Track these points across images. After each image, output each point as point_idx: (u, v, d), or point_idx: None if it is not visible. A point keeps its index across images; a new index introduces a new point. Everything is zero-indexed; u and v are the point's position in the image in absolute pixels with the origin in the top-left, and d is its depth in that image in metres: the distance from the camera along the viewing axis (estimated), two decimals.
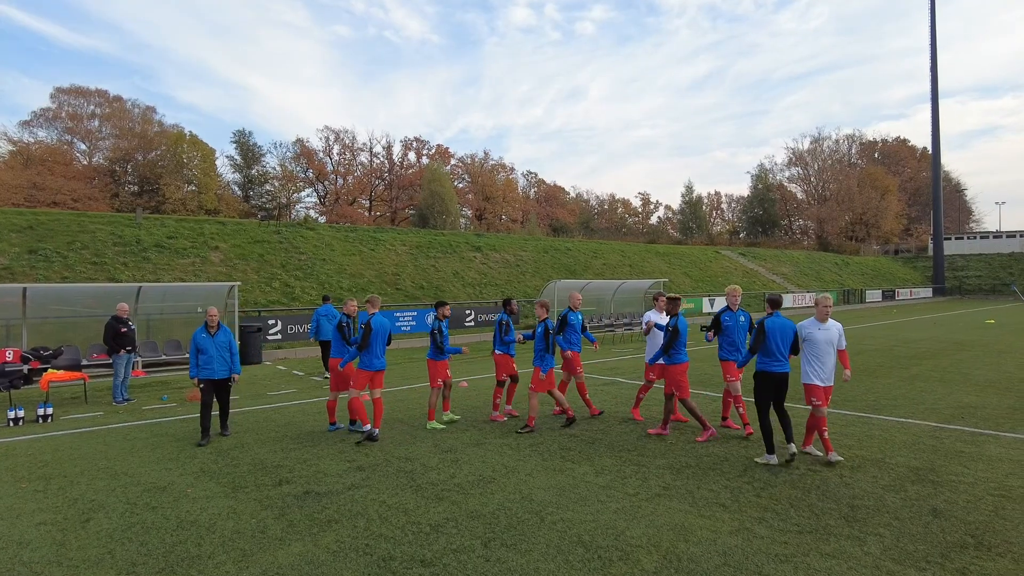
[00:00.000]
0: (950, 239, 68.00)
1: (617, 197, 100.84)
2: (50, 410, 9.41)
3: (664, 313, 8.70)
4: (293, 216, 69.60)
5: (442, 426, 8.64)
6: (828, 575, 4.18)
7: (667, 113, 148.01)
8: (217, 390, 8.19)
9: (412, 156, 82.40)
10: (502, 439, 7.99)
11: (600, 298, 24.95)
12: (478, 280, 28.46)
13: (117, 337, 11.14)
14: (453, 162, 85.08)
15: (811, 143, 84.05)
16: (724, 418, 8.53)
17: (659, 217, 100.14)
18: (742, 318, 8.11)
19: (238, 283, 14.67)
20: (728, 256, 47.47)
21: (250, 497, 5.93)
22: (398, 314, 18.61)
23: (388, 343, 8.18)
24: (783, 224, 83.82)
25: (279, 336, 16.81)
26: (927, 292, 54.26)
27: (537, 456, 7.17)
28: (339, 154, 77.51)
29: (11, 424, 9.05)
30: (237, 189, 71.45)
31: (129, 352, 11.12)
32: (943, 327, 24.59)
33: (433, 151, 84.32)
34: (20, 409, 9.23)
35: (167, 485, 6.30)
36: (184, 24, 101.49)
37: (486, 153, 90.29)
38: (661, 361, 8.13)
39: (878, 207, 73.70)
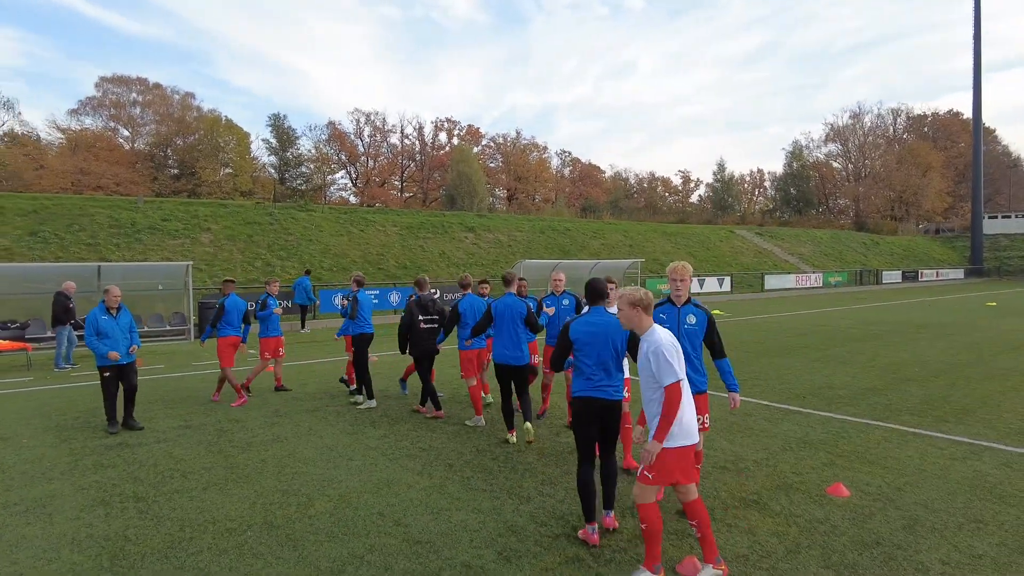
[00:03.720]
0: (996, 218, 64.39)
1: (657, 175, 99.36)
2: None
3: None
4: (327, 198, 71.87)
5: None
6: (458, 527, 4.72)
7: (719, 88, 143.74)
8: (123, 374, 7.64)
9: (444, 136, 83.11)
10: (342, 407, 8.75)
11: (574, 278, 25.26)
12: (464, 260, 29.20)
13: (67, 311, 12.57)
14: (485, 142, 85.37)
15: (850, 118, 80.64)
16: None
17: (700, 195, 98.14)
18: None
19: (191, 262, 15.88)
20: (742, 236, 46.64)
21: (69, 446, 6.90)
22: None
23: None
24: (819, 203, 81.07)
25: None
26: (958, 273, 51.83)
27: (346, 423, 7.89)
28: (370, 136, 78.91)
29: None
30: (273, 171, 73.73)
31: (72, 325, 12.51)
32: (930, 310, 23.92)
33: (464, 131, 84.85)
34: None
35: (11, 436, 7.35)
36: (234, 10, 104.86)
37: (518, 132, 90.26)
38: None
39: (919, 185, 70.39)
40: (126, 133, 63.09)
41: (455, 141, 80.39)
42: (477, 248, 30.82)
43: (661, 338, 3.86)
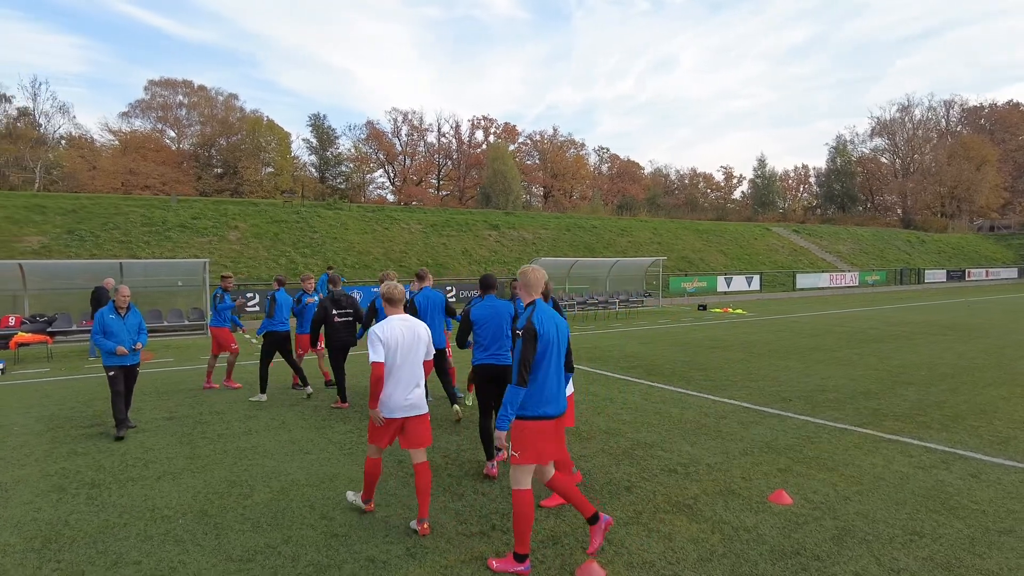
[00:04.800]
0: None
1: (699, 171, 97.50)
2: (1, 365, 11.36)
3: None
4: (366, 196, 73.17)
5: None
6: (379, 521, 4.82)
7: (764, 83, 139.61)
8: (127, 374, 7.48)
9: (480, 134, 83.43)
10: (320, 402, 8.95)
11: (594, 276, 25.12)
12: (487, 258, 29.32)
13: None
14: (521, 139, 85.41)
15: (898, 111, 77.33)
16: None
17: (742, 192, 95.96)
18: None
19: (208, 259, 16.45)
20: (778, 233, 45.41)
21: (52, 434, 7.27)
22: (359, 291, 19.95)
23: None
24: (864, 200, 78.11)
25: (257, 308, 18.63)
26: (1011, 272, 49.15)
27: (320, 418, 8.07)
28: (407, 135, 79.82)
29: None
30: (314, 171, 75.27)
31: None
32: (966, 311, 22.86)
33: (501, 129, 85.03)
34: None
35: (7, 424, 7.79)
36: (280, 12, 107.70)
37: (555, 129, 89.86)
38: None
39: (972, 179, 67.05)
40: (172, 134, 65.57)
41: (491, 139, 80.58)
42: (500, 246, 30.92)
43: (377, 325, 4.61)
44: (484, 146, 79.33)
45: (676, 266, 34.84)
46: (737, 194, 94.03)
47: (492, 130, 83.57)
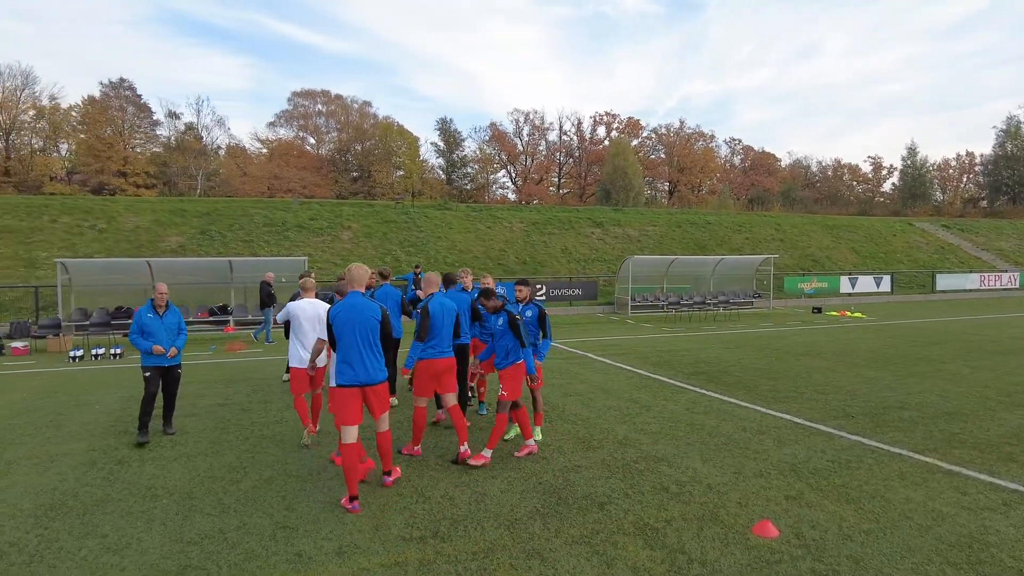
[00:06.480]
0: None
1: (843, 162, 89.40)
2: (119, 350, 13.02)
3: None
4: (490, 196, 75.21)
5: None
6: (334, 518, 4.93)
7: (922, 63, 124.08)
8: (164, 378, 7.29)
9: (602, 131, 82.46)
10: None
11: (697, 275, 23.86)
12: (587, 256, 28.90)
13: (270, 296, 15.31)
14: (646, 133, 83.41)
15: None
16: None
17: (893, 184, 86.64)
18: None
19: (306, 257, 17.69)
20: (923, 229, 40.38)
21: (121, 414, 8.18)
22: None
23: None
24: None
25: None
26: None
27: None
28: (528, 135, 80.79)
29: (94, 358, 12.78)
30: (441, 173, 78.38)
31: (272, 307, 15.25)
32: None
33: (624, 124, 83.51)
34: (100, 348, 12.97)
35: (91, 402, 8.89)
36: (416, 21, 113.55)
37: (682, 122, 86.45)
38: None
39: None
40: (312, 141, 71.42)
41: (613, 135, 79.33)
42: (602, 243, 30.36)
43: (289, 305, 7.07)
44: (606, 142, 78.29)
45: (799, 265, 32.21)
46: (887, 186, 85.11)
47: (615, 126, 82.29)
